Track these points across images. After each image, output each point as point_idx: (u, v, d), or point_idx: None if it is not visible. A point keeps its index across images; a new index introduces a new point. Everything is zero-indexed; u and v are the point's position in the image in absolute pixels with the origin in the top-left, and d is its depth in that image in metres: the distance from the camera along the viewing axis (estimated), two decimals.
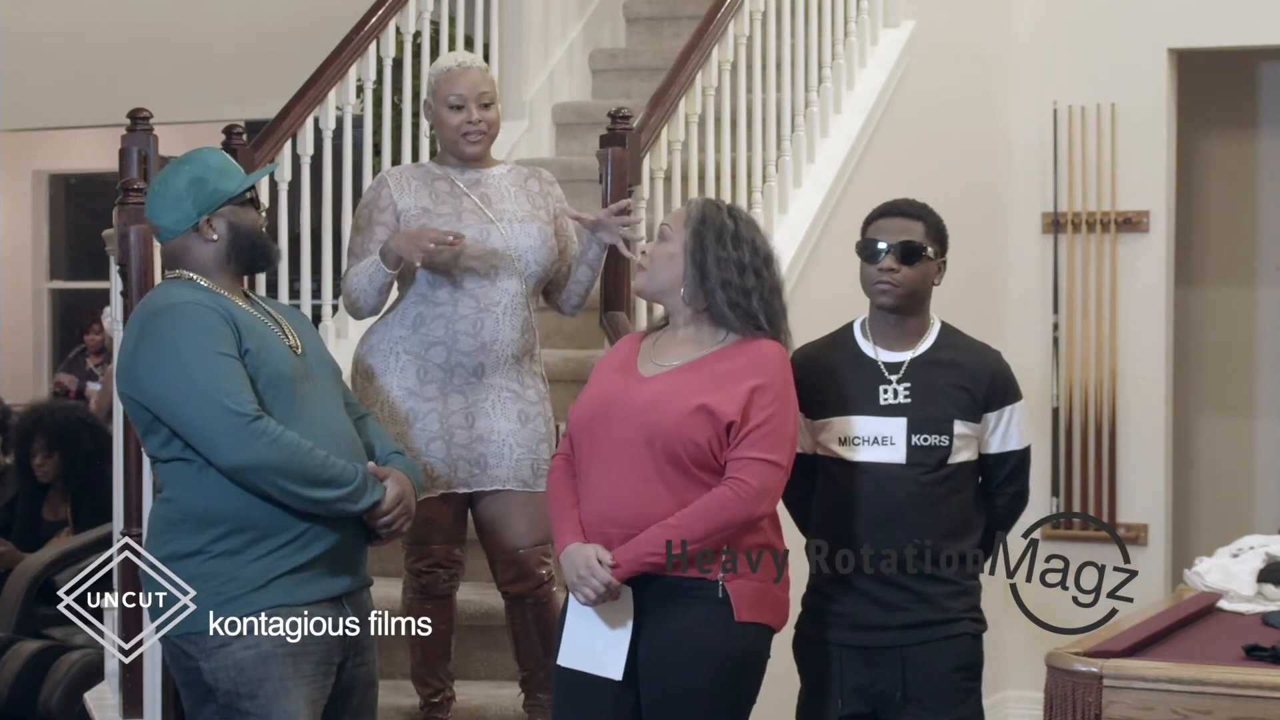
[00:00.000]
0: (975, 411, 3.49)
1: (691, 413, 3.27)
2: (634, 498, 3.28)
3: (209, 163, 3.39)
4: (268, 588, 3.23)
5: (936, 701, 3.44)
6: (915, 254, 3.47)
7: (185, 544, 3.25)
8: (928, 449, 3.45)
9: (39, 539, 6.34)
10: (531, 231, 3.98)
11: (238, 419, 3.18)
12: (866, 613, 3.45)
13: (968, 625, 3.49)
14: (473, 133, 3.98)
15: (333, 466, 3.26)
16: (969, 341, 3.59)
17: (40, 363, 11.10)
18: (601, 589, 3.25)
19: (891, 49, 6.04)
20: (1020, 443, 3.56)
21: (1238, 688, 3.11)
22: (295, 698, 3.23)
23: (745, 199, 5.23)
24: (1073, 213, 6.89)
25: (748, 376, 3.32)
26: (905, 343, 3.53)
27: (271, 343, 3.32)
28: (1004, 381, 3.55)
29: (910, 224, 3.50)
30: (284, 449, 3.20)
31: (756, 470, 3.27)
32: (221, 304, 3.30)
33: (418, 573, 4.01)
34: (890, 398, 3.47)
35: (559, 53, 6.55)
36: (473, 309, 3.92)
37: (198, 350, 3.21)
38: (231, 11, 8.57)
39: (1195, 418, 7.58)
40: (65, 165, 11.20)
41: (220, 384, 3.19)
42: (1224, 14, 6.75)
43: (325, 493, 3.24)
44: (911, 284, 3.48)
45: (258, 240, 3.39)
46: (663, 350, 3.41)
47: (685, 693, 3.28)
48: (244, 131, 4.65)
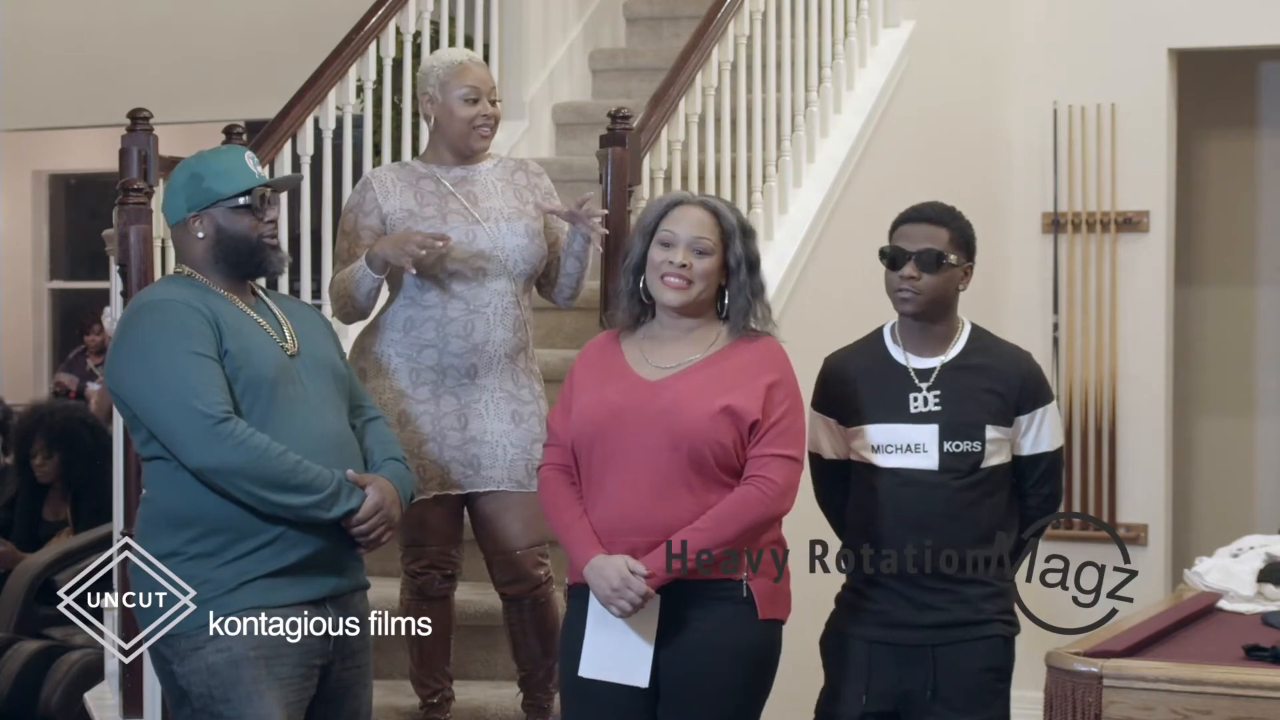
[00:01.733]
0: (1007, 415, 3.49)
1: (716, 414, 3.27)
2: (658, 504, 3.26)
3: (213, 162, 3.38)
4: (240, 590, 3.21)
5: (965, 701, 3.44)
6: (937, 262, 3.46)
7: (162, 544, 3.24)
8: (960, 455, 3.45)
9: (39, 539, 6.33)
10: (519, 230, 3.97)
11: (204, 420, 3.15)
12: (900, 610, 3.46)
13: (1000, 627, 3.49)
14: (484, 126, 3.97)
15: (304, 472, 3.22)
16: (1000, 343, 3.59)
17: (40, 363, 11.09)
18: (639, 601, 3.23)
19: (891, 49, 6.04)
20: (1052, 444, 3.56)
21: (1238, 688, 3.11)
22: (269, 701, 3.20)
23: (745, 199, 5.23)
24: (1073, 213, 6.89)
25: (761, 373, 3.33)
26: (935, 348, 3.52)
27: (257, 344, 3.29)
28: (1036, 383, 3.55)
29: (935, 230, 3.49)
30: (250, 452, 3.17)
31: (779, 467, 3.29)
32: (209, 302, 3.28)
33: (413, 574, 4.01)
34: (921, 405, 3.47)
35: (559, 53, 6.55)
36: (462, 311, 3.92)
37: (170, 349, 3.20)
38: (231, 11, 8.57)
39: (1195, 418, 7.58)
40: (65, 165, 11.19)
41: (189, 384, 3.17)
42: (1224, 14, 6.75)
43: (294, 498, 3.21)
44: (933, 291, 3.48)
45: (245, 247, 3.34)
46: (657, 352, 3.39)
47: (712, 693, 3.29)
48: (244, 131, 4.65)
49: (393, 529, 3.37)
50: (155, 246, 4.25)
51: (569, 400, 3.43)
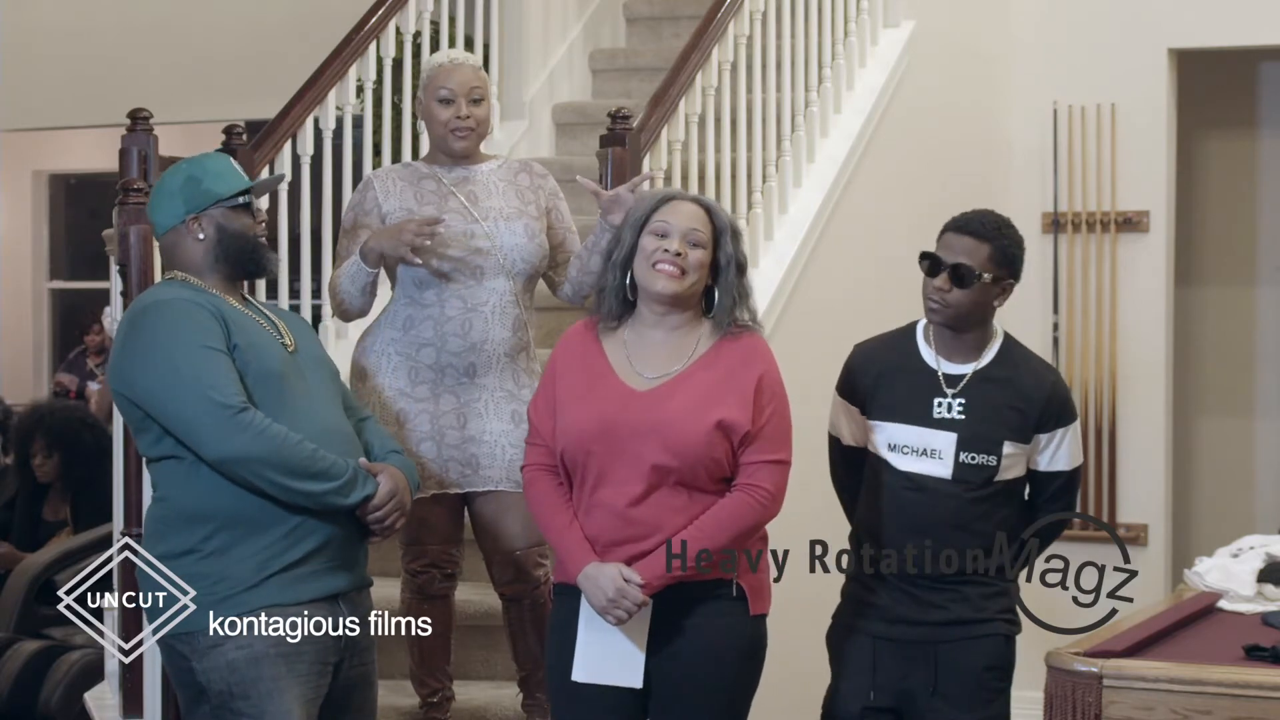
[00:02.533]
0: (1026, 433, 3.48)
1: (710, 431, 3.27)
2: (651, 514, 3.26)
3: (207, 165, 3.41)
4: (261, 586, 3.22)
5: (966, 699, 3.45)
6: (968, 278, 3.43)
7: (178, 543, 3.25)
8: (975, 467, 3.45)
9: (39, 539, 6.33)
10: (518, 229, 3.96)
11: (223, 411, 3.17)
12: (903, 607, 3.47)
13: (1001, 626, 3.49)
14: (460, 128, 3.96)
15: (322, 460, 3.25)
16: (1029, 359, 3.56)
17: (40, 363, 11.10)
18: (635, 610, 3.24)
19: (891, 49, 6.04)
20: (1070, 464, 3.54)
21: (1238, 688, 3.11)
22: (288, 698, 3.21)
23: (745, 199, 5.23)
24: (1073, 213, 6.90)
25: (748, 373, 3.33)
26: (966, 355, 3.51)
27: (262, 339, 3.32)
28: (1060, 405, 3.52)
29: (977, 245, 3.45)
30: (270, 441, 3.19)
31: (769, 474, 3.30)
32: (211, 301, 3.30)
33: (413, 573, 4.01)
34: (944, 411, 3.47)
35: (559, 53, 6.55)
36: (460, 310, 3.91)
37: (183, 344, 3.21)
38: (231, 11, 8.57)
39: (1195, 418, 7.58)
40: (65, 165, 11.20)
41: (206, 377, 3.19)
42: (1224, 14, 6.75)
43: (315, 485, 3.23)
44: (962, 306, 3.45)
45: (246, 245, 3.37)
46: (642, 356, 3.37)
47: (708, 691, 3.30)
48: (244, 131, 4.65)
49: (405, 516, 3.40)
50: (155, 246, 4.24)
51: (552, 396, 3.39)
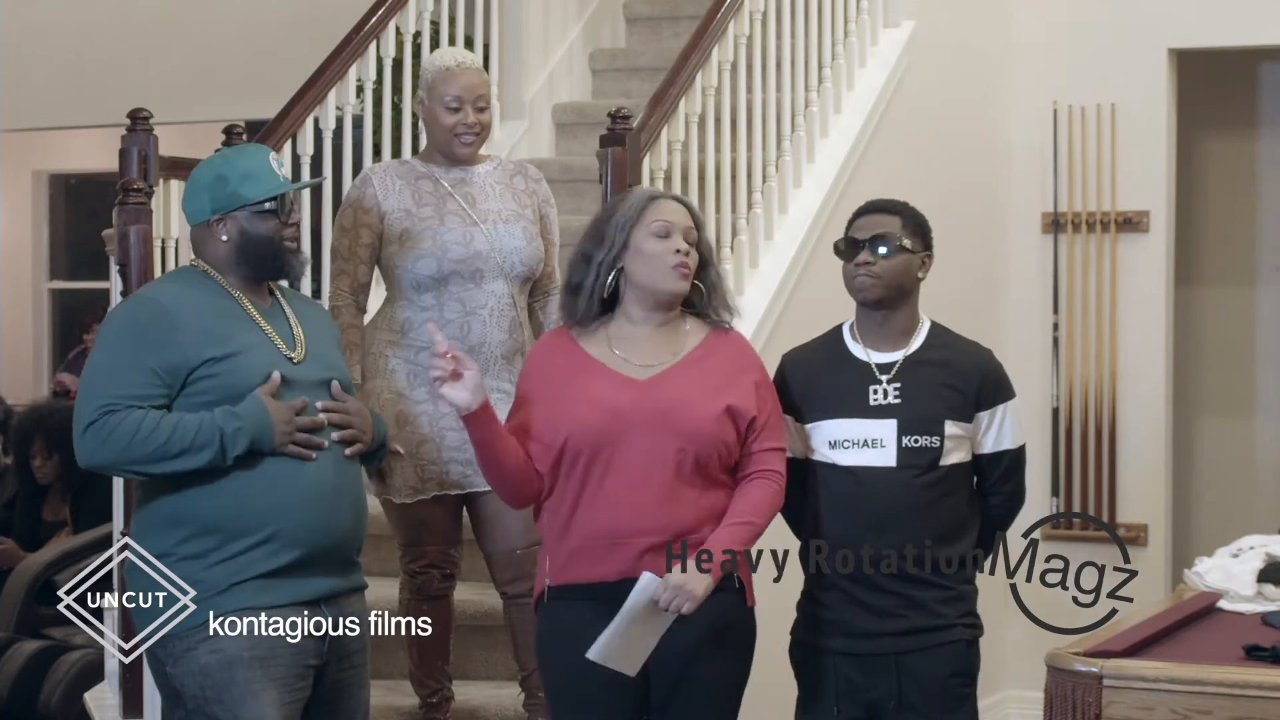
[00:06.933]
0: (967, 411, 3.47)
1: (720, 416, 3.29)
2: (664, 505, 3.26)
3: (238, 165, 3.35)
4: (231, 591, 3.20)
5: (932, 708, 3.42)
6: (890, 245, 3.45)
7: (155, 545, 3.24)
8: (918, 450, 3.42)
9: (39, 539, 6.33)
10: (516, 232, 3.97)
11: (80, 424, 3.18)
12: (859, 620, 3.43)
13: (962, 631, 3.46)
14: (466, 134, 3.97)
15: (183, 437, 3.16)
16: (960, 340, 3.57)
17: (40, 363, 11.09)
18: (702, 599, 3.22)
19: (891, 49, 6.05)
20: (1014, 442, 3.54)
21: (1238, 688, 3.11)
22: (263, 701, 3.19)
23: (745, 199, 5.23)
24: (1073, 213, 6.89)
25: (745, 369, 3.38)
26: (894, 342, 3.50)
27: (253, 352, 3.26)
28: (995, 380, 3.52)
29: (885, 219, 3.49)
30: (116, 443, 3.16)
31: (780, 459, 3.36)
32: (210, 301, 3.27)
33: (412, 574, 4.01)
34: (880, 398, 3.45)
35: (559, 53, 6.55)
36: (459, 312, 3.91)
37: (108, 350, 3.22)
38: (231, 11, 8.57)
39: (1195, 418, 7.58)
40: (65, 165, 11.19)
41: (99, 386, 3.18)
42: (1224, 14, 6.75)
43: (182, 464, 3.17)
44: (890, 275, 3.45)
45: (269, 251, 3.32)
46: (632, 350, 3.35)
47: (711, 681, 3.32)
48: (244, 131, 4.66)
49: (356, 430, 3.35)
50: (155, 246, 4.25)
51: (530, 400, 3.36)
